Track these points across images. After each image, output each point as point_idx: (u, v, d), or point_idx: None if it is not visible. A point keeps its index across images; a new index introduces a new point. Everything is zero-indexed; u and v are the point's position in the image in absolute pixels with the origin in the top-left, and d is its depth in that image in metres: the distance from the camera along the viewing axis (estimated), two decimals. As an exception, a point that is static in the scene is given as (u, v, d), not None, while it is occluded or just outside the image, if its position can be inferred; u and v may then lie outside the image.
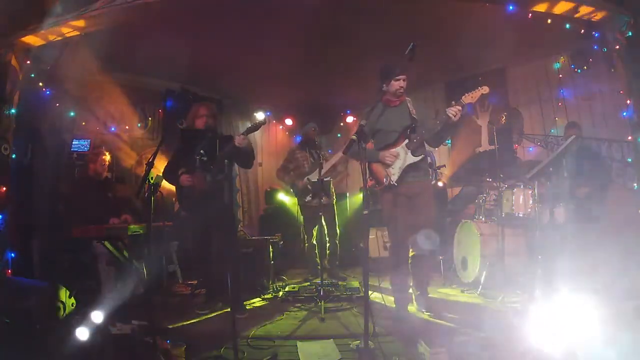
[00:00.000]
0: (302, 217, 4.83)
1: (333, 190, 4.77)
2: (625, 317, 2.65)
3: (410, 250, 3.04)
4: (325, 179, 4.28)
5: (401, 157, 2.96)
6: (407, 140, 2.95)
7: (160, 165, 4.16)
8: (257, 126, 3.18)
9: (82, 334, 2.31)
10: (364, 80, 4.37)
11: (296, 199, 4.83)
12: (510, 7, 3.61)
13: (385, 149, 3.01)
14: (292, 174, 4.74)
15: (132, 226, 3.22)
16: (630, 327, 2.40)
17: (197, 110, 3.45)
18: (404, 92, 3.00)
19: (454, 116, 2.76)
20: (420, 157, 2.93)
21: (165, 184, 3.39)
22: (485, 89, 2.87)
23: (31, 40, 3.55)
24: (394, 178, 2.95)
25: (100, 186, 4.02)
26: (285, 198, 6.27)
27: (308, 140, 4.77)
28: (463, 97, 2.86)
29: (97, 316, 2.60)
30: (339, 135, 7.49)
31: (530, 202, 3.78)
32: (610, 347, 2.08)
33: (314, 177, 4.55)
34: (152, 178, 2.36)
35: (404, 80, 2.95)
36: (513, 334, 2.35)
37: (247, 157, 3.36)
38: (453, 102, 2.85)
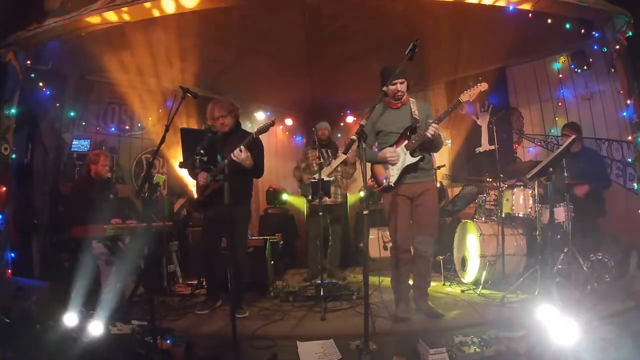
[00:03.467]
0: (307, 216, 4.86)
1: (343, 190, 4.78)
2: (624, 318, 2.65)
3: (411, 250, 3.04)
4: (325, 179, 4.28)
5: (400, 158, 2.96)
6: (406, 141, 2.95)
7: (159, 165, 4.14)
8: (266, 127, 3.10)
9: (82, 334, 2.31)
10: (364, 80, 4.38)
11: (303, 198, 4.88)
12: (511, 7, 3.62)
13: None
14: (303, 173, 4.78)
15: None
16: (629, 328, 2.40)
17: (211, 112, 3.28)
18: (404, 94, 3.00)
19: (432, 135, 2.82)
20: (418, 158, 2.93)
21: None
22: (484, 86, 2.86)
23: (31, 40, 3.55)
24: (393, 179, 2.95)
25: (101, 186, 4.02)
26: (285, 198, 6.28)
27: (319, 140, 4.74)
28: (462, 95, 2.86)
29: (97, 316, 2.60)
30: (339, 135, 7.49)
31: (530, 202, 3.78)
32: (609, 348, 2.09)
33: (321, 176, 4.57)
34: (152, 178, 2.36)
35: (401, 83, 2.95)
36: (513, 335, 2.35)
37: (248, 171, 3.23)
38: (430, 121, 2.87)
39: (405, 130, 2.96)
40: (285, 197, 6.25)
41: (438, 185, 5.12)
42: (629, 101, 3.50)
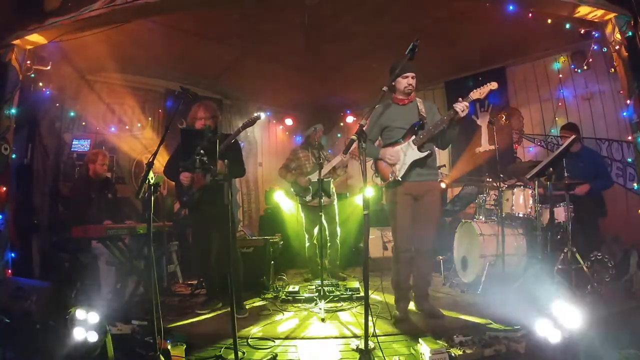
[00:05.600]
0: (302, 217, 4.84)
1: (334, 190, 4.77)
2: (624, 318, 2.65)
3: (413, 250, 3.04)
4: (325, 179, 4.28)
5: (407, 153, 2.95)
6: (414, 137, 2.94)
7: (159, 165, 4.14)
8: (251, 122, 3.11)
9: (82, 334, 2.31)
10: (364, 80, 4.39)
11: (296, 198, 4.84)
12: (511, 7, 3.62)
13: (391, 146, 3.00)
14: (294, 173, 4.74)
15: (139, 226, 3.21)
16: (630, 328, 2.40)
17: (195, 112, 3.37)
18: (413, 89, 3.00)
19: (462, 111, 2.75)
20: (426, 153, 2.92)
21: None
22: (494, 85, 2.85)
23: (31, 40, 3.55)
24: (400, 174, 2.94)
25: (100, 186, 4.02)
26: (285, 198, 6.26)
27: (312, 141, 4.75)
28: (471, 93, 2.82)
29: (97, 316, 2.60)
30: (339, 135, 7.49)
31: (530, 202, 3.78)
32: (610, 347, 2.09)
33: (314, 177, 4.55)
34: (152, 178, 2.36)
35: (412, 77, 2.95)
36: (513, 335, 2.35)
37: (229, 176, 3.23)
38: (460, 99, 2.80)
39: (412, 126, 2.96)
40: (276, 196, 6.15)
41: (443, 186, 5.14)
42: (629, 101, 3.50)
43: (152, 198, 2.35)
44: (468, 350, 2.18)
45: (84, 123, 5.04)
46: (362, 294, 3.49)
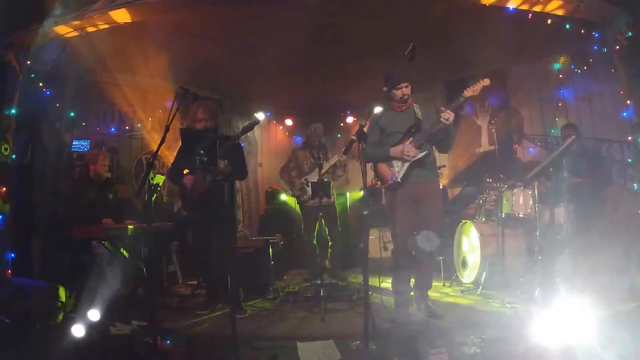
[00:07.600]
0: (302, 217, 4.84)
1: (333, 190, 4.77)
2: (624, 318, 2.65)
3: (413, 251, 3.04)
4: (325, 179, 4.29)
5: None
6: (411, 139, 2.95)
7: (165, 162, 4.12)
8: (251, 126, 3.13)
9: (82, 333, 2.31)
10: (364, 81, 4.38)
11: (295, 199, 4.84)
12: (510, 7, 3.62)
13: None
14: (293, 174, 4.74)
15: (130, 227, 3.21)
16: (630, 328, 2.40)
17: (194, 113, 3.35)
18: (409, 97, 3.02)
19: (447, 120, 2.81)
20: (425, 152, 2.92)
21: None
22: (486, 81, 2.88)
23: (31, 40, 3.55)
24: (400, 175, 2.94)
25: (100, 186, 4.02)
26: (285, 198, 6.27)
27: (312, 141, 4.75)
28: (465, 91, 2.87)
29: (97, 316, 2.60)
30: (339, 135, 7.48)
31: (530, 202, 3.78)
32: (610, 348, 2.09)
33: (313, 177, 4.55)
34: (152, 178, 2.36)
35: (405, 87, 2.97)
36: (513, 335, 2.35)
37: (231, 177, 3.19)
38: (442, 109, 2.88)
39: (410, 128, 2.96)
40: (283, 197, 6.21)
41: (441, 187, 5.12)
42: (629, 101, 3.50)
43: (152, 198, 2.36)
44: (468, 350, 2.18)
45: (84, 123, 5.03)
46: (362, 294, 3.49)
